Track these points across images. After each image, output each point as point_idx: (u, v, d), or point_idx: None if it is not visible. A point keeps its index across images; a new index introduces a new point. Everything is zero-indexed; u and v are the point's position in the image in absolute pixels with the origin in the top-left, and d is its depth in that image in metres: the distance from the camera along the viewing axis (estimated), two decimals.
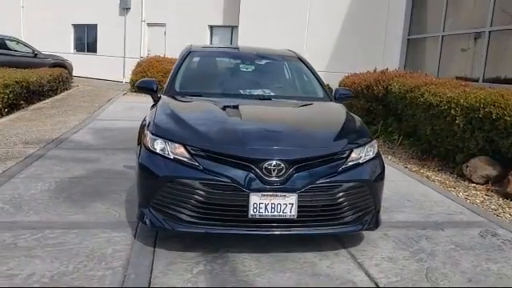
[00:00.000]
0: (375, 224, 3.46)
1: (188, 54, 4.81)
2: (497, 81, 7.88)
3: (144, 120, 4.05)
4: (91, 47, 19.28)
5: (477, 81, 8.18)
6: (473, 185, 5.63)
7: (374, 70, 9.38)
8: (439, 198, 5.03)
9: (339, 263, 3.28)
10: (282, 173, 3.11)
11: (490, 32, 8.01)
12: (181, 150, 3.23)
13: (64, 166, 5.54)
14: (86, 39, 19.46)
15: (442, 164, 6.57)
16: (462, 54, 9.15)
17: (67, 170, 5.36)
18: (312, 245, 3.51)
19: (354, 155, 3.35)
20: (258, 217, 3.11)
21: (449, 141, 6.29)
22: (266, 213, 3.10)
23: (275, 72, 5.06)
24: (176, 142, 3.26)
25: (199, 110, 3.84)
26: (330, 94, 4.58)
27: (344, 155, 3.32)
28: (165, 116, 3.65)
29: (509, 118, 5.31)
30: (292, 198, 3.10)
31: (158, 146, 3.30)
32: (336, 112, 4.05)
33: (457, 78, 8.22)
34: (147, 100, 12.65)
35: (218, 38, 15.82)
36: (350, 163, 3.31)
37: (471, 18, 8.89)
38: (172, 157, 3.23)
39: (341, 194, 3.22)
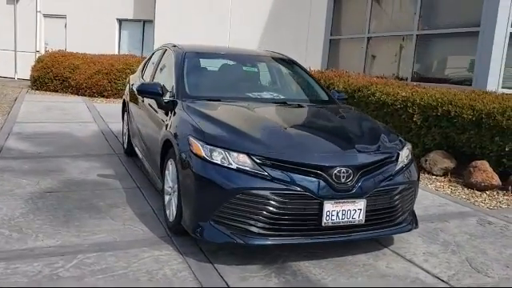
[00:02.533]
0: (417, 222, 3.65)
1: (184, 55, 4.56)
2: (423, 80, 8.64)
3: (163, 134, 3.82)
4: None
5: (406, 80, 8.90)
6: (434, 177, 6.17)
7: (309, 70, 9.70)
8: (419, 191, 5.43)
9: (394, 262, 3.42)
10: (350, 179, 3.14)
11: (417, 35, 8.77)
12: (244, 159, 3.10)
13: (30, 178, 4.91)
14: None
15: None
16: (389, 54, 9.89)
17: (38, 184, 4.76)
18: (356, 247, 3.59)
19: (400, 158, 3.51)
20: (331, 224, 3.11)
21: (403, 137, 6.78)
22: (338, 220, 3.12)
23: (275, 74, 5.03)
24: (238, 152, 3.12)
25: (240, 117, 3.68)
26: (334, 97, 4.68)
27: (394, 158, 3.46)
28: (208, 123, 3.45)
29: (466, 116, 5.91)
30: (361, 204, 3.16)
31: (218, 155, 3.12)
32: (364, 117, 4.18)
33: (384, 77, 8.90)
34: (58, 99, 11.82)
35: (128, 33, 15.01)
36: (400, 165, 3.46)
37: (397, 21, 9.64)
38: (235, 167, 3.08)
39: (397, 195, 3.36)
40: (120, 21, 14.92)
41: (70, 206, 4.16)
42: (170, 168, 3.68)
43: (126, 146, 6.18)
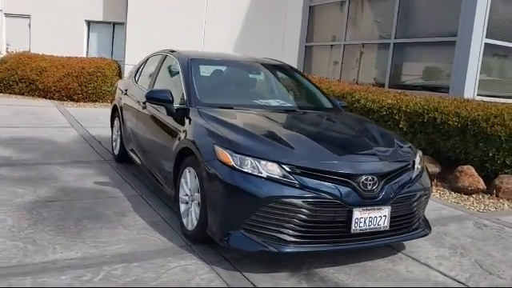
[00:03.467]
0: (430, 227, 3.79)
1: (190, 61, 4.53)
2: (400, 87, 8.94)
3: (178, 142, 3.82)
4: None
5: (383, 86, 9.17)
6: None
7: None
8: None
9: (411, 266, 3.54)
10: (375, 186, 3.23)
11: (394, 43, 9.06)
12: (274, 167, 3.13)
13: (25, 187, 4.73)
14: None
15: None
16: (366, 62, 10.15)
17: (36, 192, 4.60)
18: (372, 252, 3.68)
19: (415, 165, 3.64)
20: (359, 231, 3.19)
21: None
22: (365, 226, 3.20)
23: (279, 82, 5.08)
24: (267, 160, 3.15)
25: (261, 125, 3.71)
26: (337, 105, 4.78)
27: (410, 165, 3.58)
28: (231, 131, 3.45)
29: (452, 122, 6.17)
30: (386, 210, 3.25)
31: (248, 164, 3.14)
32: (374, 125, 4.29)
33: (361, 83, 9.16)
34: (27, 103, 11.41)
35: (97, 35, 14.62)
36: (416, 173, 3.59)
37: (375, 29, 9.91)
38: (265, 175, 3.11)
39: (416, 202, 3.49)
40: (89, 22, 14.52)
41: (77, 216, 4.05)
42: (188, 176, 3.66)
43: (117, 152, 6.05)
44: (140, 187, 5.04)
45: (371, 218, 3.20)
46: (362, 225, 3.18)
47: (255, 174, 3.12)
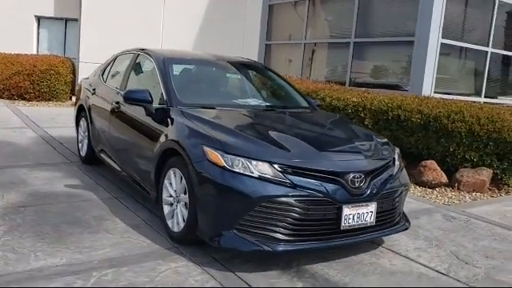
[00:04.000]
0: (409, 221, 3.94)
1: (166, 60, 4.46)
2: (360, 85, 9.17)
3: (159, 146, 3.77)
4: None
5: (344, 84, 9.39)
6: None
7: None
8: None
9: (394, 259, 3.67)
10: (363, 183, 3.33)
11: (354, 43, 9.29)
12: (265, 167, 3.16)
13: None
14: None
15: None
16: (327, 60, 10.35)
17: (4, 198, 4.40)
18: (355, 247, 3.74)
19: (395, 161, 3.77)
20: (348, 227, 3.28)
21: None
22: (353, 222, 3.30)
23: (255, 81, 5.09)
24: (258, 160, 3.17)
25: (246, 124, 3.72)
26: (313, 103, 4.86)
27: (391, 162, 3.71)
28: (218, 131, 3.45)
29: (415, 119, 6.42)
30: (372, 206, 3.36)
31: (239, 164, 3.14)
32: (352, 123, 4.40)
33: (321, 82, 9.37)
34: None
35: (48, 32, 14.03)
36: (396, 169, 3.72)
37: (335, 29, 10.12)
38: (257, 175, 3.13)
39: (398, 197, 3.62)
40: (38, 18, 13.93)
41: (54, 221, 3.91)
42: (173, 177, 3.62)
43: (84, 154, 5.86)
44: (114, 189, 4.92)
45: (359, 214, 3.30)
46: (350, 221, 3.27)
47: (247, 174, 3.13)
